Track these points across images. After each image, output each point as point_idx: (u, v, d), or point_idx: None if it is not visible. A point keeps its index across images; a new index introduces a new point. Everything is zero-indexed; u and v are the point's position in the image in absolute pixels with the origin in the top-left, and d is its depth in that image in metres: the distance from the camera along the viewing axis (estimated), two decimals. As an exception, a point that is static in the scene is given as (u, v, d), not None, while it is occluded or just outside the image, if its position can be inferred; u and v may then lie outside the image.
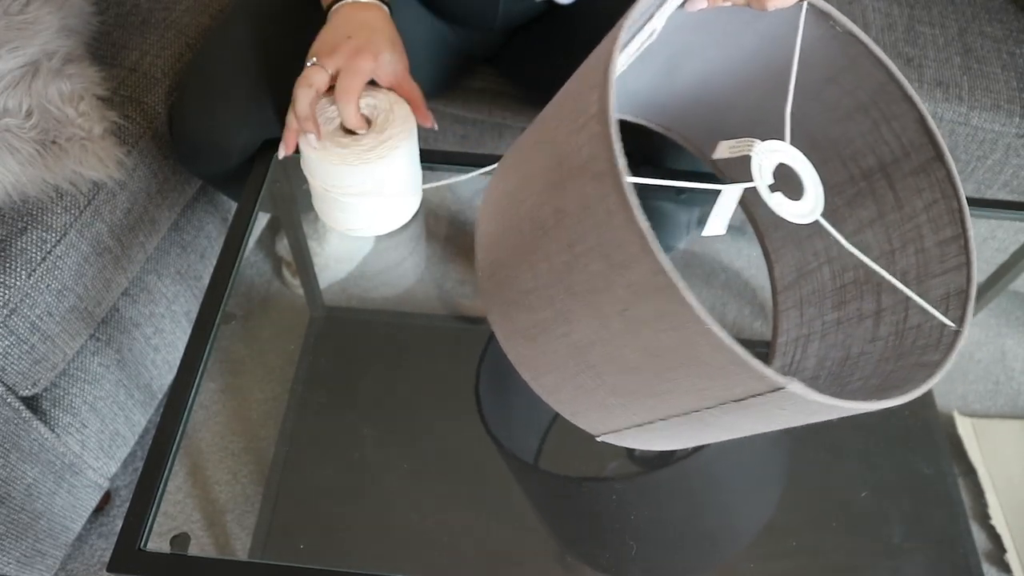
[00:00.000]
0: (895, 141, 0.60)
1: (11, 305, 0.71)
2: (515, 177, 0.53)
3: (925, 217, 0.59)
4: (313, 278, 1.00)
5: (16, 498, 0.79)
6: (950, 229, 0.57)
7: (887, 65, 0.58)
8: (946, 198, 0.57)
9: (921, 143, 0.59)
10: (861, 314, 0.63)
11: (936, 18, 1.04)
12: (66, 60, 0.76)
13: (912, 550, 0.75)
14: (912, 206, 0.60)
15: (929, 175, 0.59)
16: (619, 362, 0.47)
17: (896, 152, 0.61)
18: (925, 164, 0.59)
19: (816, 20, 0.58)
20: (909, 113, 0.59)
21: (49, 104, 0.72)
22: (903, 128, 0.59)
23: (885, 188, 0.62)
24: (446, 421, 0.79)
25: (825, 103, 0.63)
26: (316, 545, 0.70)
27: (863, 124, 0.62)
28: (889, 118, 0.60)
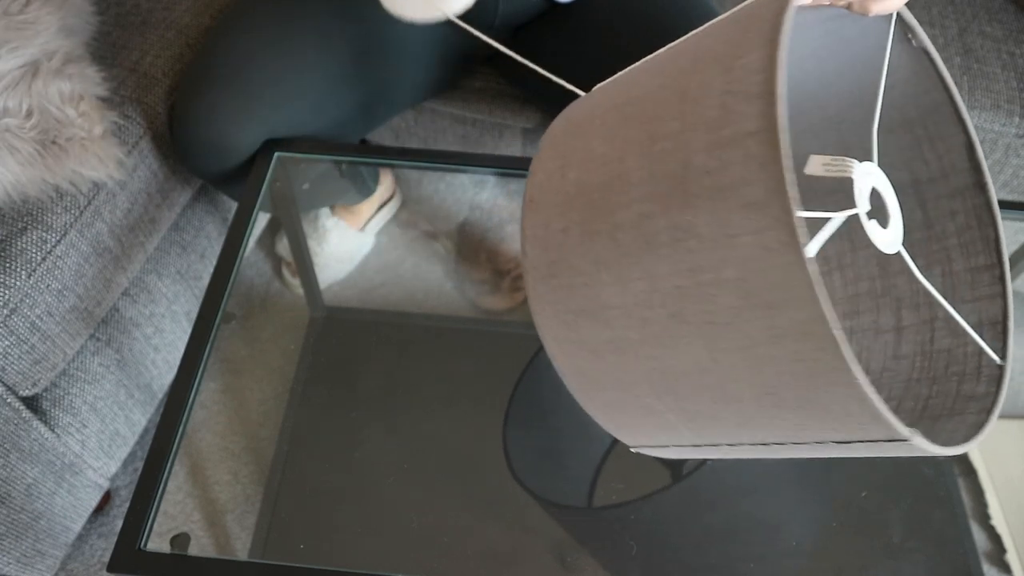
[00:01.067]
0: (935, 161, 0.59)
1: (11, 305, 0.71)
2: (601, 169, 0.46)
3: (956, 241, 0.58)
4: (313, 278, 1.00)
5: (16, 498, 0.79)
6: (983, 257, 0.56)
7: (949, 86, 0.56)
8: (982, 226, 0.56)
9: (963, 168, 0.57)
10: (878, 328, 0.62)
11: (936, 18, 1.04)
12: (66, 60, 0.76)
13: (912, 550, 0.75)
14: (943, 227, 0.58)
15: (965, 200, 0.57)
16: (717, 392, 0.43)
17: (934, 172, 0.59)
18: (962, 188, 0.57)
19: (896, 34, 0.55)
20: (957, 137, 0.57)
21: (49, 104, 0.72)
22: (947, 150, 0.58)
23: (914, 205, 0.60)
24: (446, 421, 0.79)
25: (869, 112, 0.59)
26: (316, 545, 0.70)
27: (903, 139, 0.60)
28: (934, 138, 0.58)
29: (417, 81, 0.88)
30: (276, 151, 0.79)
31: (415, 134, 1.04)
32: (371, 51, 0.83)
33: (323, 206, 1.09)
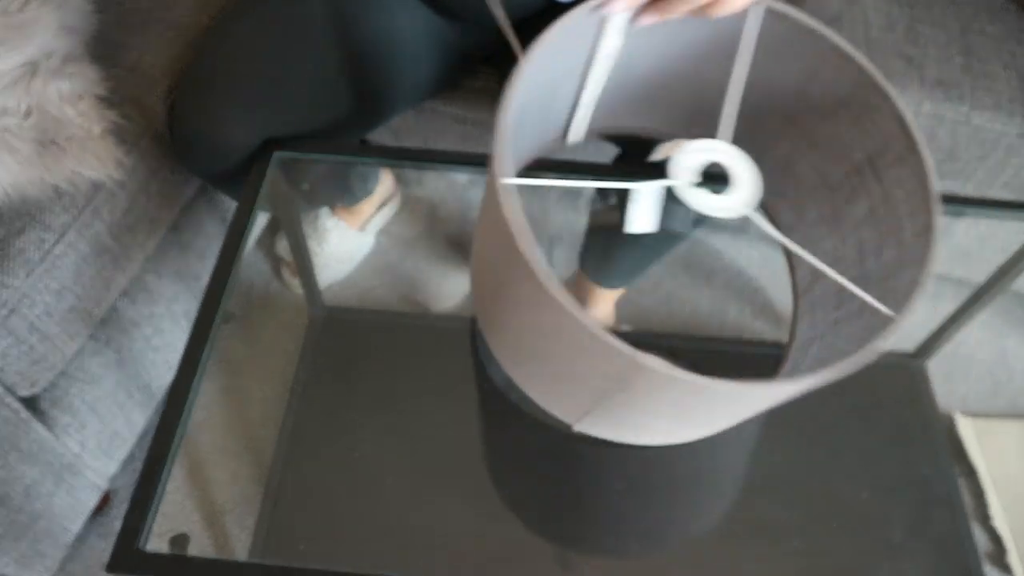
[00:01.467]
0: (876, 133, 0.60)
1: (10, 305, 0.71)
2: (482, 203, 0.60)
3: (906, 209, 0.59)
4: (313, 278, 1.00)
5: (15, 499, 0.79)
6: (923, 219, 0.57)
7: (855, 59, 0.59)
8: (922, 188, 0.57)
9: (897, 132, 0.59)
10: (850, 313, 0.63)
11: (937, 18, 1.03)
12: (65, 59, 0.76)
13: (913, 550, 0.75)
14: (895, 197, 0.60)
15: (907, 165, 0.59)
16: (540, 346, 0.54)
17: (878, 144, 0.61)
18: (903, 154, 0.59)
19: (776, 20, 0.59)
20: (883, 105, 0.59)
21: (48, 104, 0.72)
22: (881, 119, 0.60)
23: (873, 181, 0.62)
24: (445, 421, 0.79)
25: (811, 102, 0.64)
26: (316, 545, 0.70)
27: (847, 118, 0.62)
28: (867, 110, 0.60)
29: (417, 81, 0.88)
30: (276, 151, 0.79)
31: (415, 134, 1.04)
32: (371, 51, 0.83)
33: (323, 206, 1.09)
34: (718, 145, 0.55)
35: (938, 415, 0.90)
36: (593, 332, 0.44)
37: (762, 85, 0.64)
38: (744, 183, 0.55)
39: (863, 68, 0.59)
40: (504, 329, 0.59)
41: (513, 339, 0.58)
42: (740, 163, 0.55)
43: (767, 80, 0.64)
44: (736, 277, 1.14)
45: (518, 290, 0.51)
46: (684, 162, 0.54)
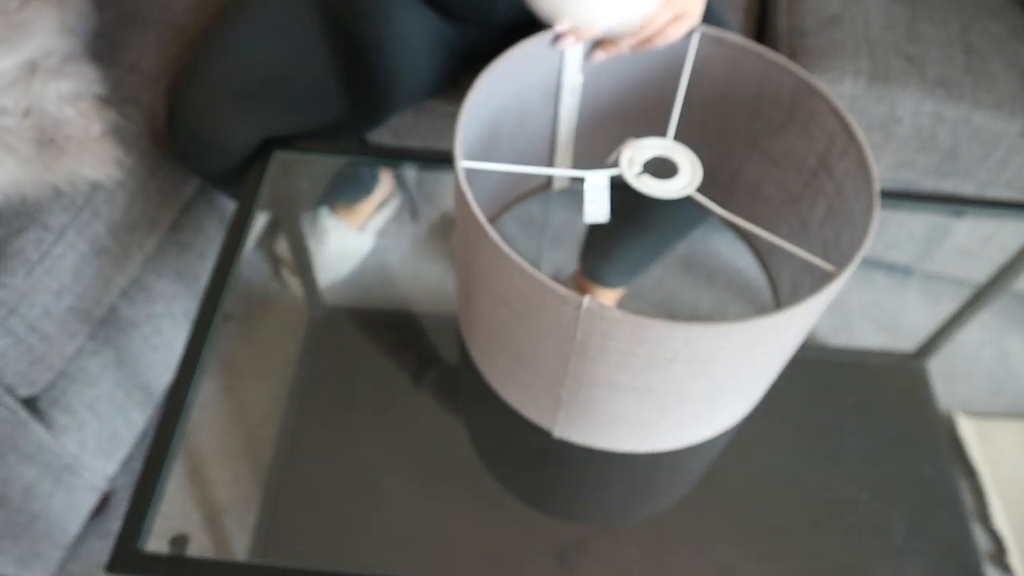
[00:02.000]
0: (822, 134, 0.65)
1: (9, 305, 0.71)
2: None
3: (854, 193, 0.62)
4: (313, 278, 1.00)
5: (14, 499, 0.79)
6: (867, 195, 0.60)
7: (790, 68, 0.64)
8: (863, 168, 0.61)
9: (836, 128, 0.63)
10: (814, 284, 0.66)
11: (938, 17, 1.03)
12: (64, 59, 0.75)
13: (913, 550, 0.75)
14: (846, 191, 0.64)
15: (850, 154, 0.62)
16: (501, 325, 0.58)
17: (825, 144, 0.65)
18: (846, 145, 0.62)
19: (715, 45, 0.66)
20: (821, 105, 0.63)
21: (47, 103, 0.72)
22: (823, 119, 0.64)
23: (827, 180, 0.66)
24: (445, 421, 0.79)
25: (763, 120, 0.69)
26: (316, 545, 0.70)
27: (796, 128, 0.67)
28: (811, 114, 0.65)
29: (417, 81, 0.88)
30: (275, 151, 0.79)
31: (415, 134, 1.04)
32: (370, 51, 0.83)
33: (323, 206, 1.09)
34: (664, 142, 0.62)
35: (938, 415, 0.90)
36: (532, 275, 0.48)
37: (720, 112, 0.70)
38: (686, 171, 0.61)
39: (796, 74, 0.64)
40: (477, 324, 0.62)
41: (484, 333, 0.62)
42: (682, 155, 0.63)
43: (723, 106, 0.70)
44: (736, 277, 1.14)
45: (480, 266, 0.55)
46: (632, 156, 0.61)
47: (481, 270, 0.55)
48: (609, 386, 0.56)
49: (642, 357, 0.52)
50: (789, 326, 0.53)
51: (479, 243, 0.52)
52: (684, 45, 0.66)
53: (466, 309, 0.65)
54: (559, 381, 0.58)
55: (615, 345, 0.51)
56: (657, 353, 0.51)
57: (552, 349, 0.55)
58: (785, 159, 0.70)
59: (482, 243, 0.51)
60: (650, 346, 0.50)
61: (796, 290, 0.72)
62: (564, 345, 0.53)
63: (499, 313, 0.57)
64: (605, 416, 0.61)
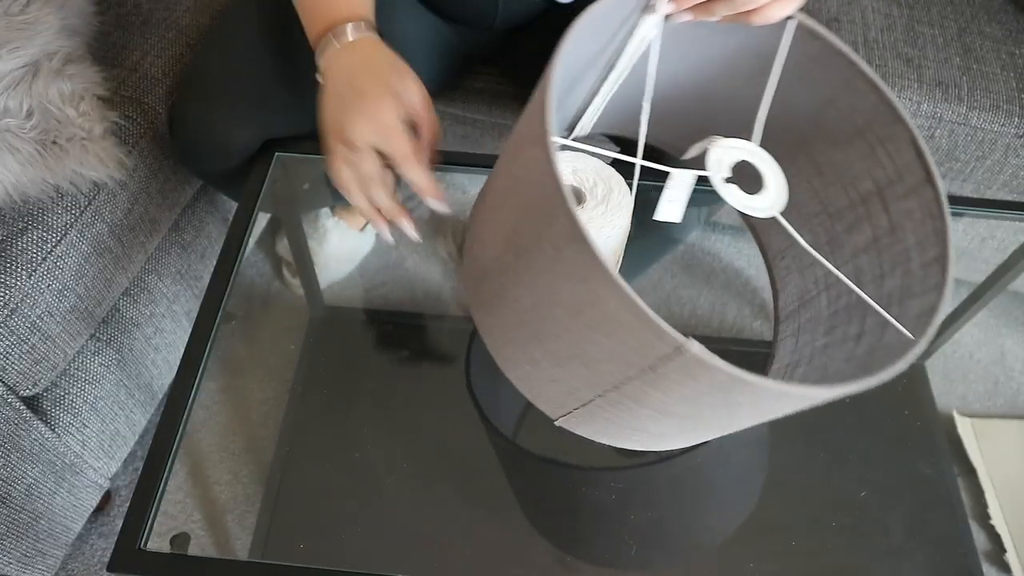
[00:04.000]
0: (890, 164, 0.60)
1: (11, 305, 0.71)
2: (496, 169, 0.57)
3: (913, 240, 0.59)
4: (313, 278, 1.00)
5: (16, 498, 0.79)
6: (934, 250, 0.57)
7: (879, 86, 0.58)
8: (933, 219, 0.57)
9: (913, 164, 0.59)
10: (846, 337, 0.63)
11: (936, 18, 1.04)
12: (67, 60, 0.76)
13: (912, 550, 0.75)
14: (903, 228, 0.60)
15: (920, 197, 0.58)
16: (552, 324, 0.51)
17: (891, 175, 0.61)
18: (916, 186, 0.59)
19: (807, 39, 0.59)
20: (902, 135, 0.59)
21: (50, 104, 0.72)
22: (897, 150, 0.59)
23: (880, 211, 0.62)
24: (446, 421, 0.79)
25: (824, 128, 0.64)
26: (316, 545, 0.70)
27: (861, 148, 0.62)
28: (884, 140, 0.60)
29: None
30: (276, 151, 0.79)
31: (415, 134, 1.04)
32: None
33: (323, 206, 1.09)
34: (750, 146, 0.55)
35: (937, 415, 0.90)
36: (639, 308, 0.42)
37: (777, 110, 0.63)
38: (772, 186, 0.55)
39: (884, 96, 0.58)
40: (501, 307, 0.56)
41: (512, 318, 0.55)
42: (770, 167, 0.55)
43: (783, 105, 0.63)
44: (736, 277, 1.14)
45: (539, 260, 0.48)
46: (719, 157, 0.53)
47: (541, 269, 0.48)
48: (657, 409, 0.52)
49: (715, 399, 0.48)
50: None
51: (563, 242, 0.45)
52: (775, 33, 0.58)
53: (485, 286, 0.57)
54: (601, 391, 0.53)
55: (695, 385, 0.47)
56: (732, 399, 0.48)
57: (614, 369, 0.49)
58: (834, 172, 0.65)
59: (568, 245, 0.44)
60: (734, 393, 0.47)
61: (803, 303, 0.70)
62: (632, 370, 0.48)
63: (554, 315, 0.50)
64: (627, 424, 0.57)
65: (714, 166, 0.53)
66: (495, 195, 0.55)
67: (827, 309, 0.67)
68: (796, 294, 0.71)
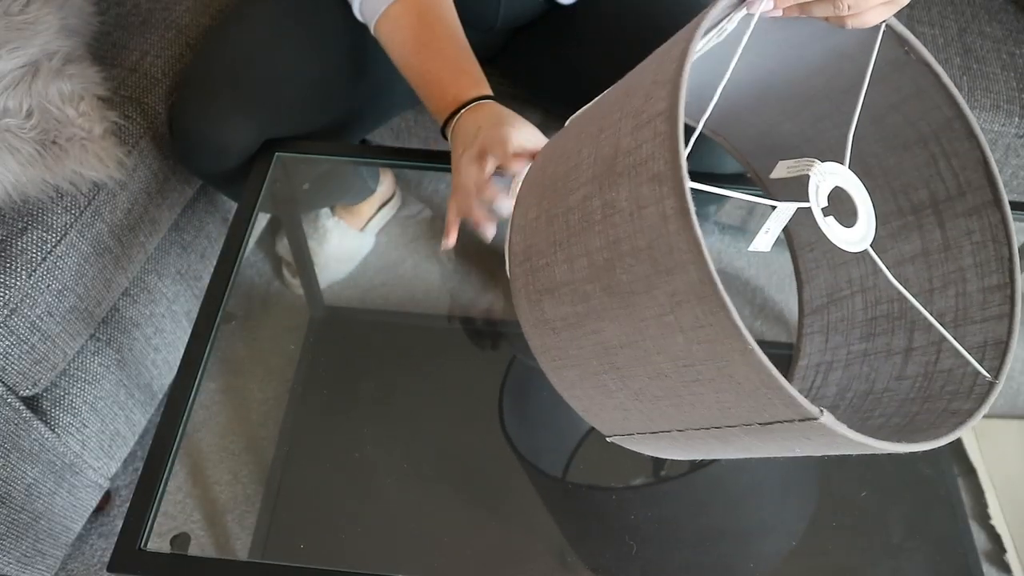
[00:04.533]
0: (952, 179, 0.58)
1: (11, 305, 0.71)
2: (564, 164, 0.51)
3: (971, 261, 0.57)
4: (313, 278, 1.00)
5: (16, 498, 0.79)
6: (996, 277, 0.55)
7: (957, 100, 0.56)
8: (996, 243, 0.56)
9: (979, 184, 0.57)
10: (890, 350, 0.61)
11: (936, 18, 1.04)
12: (66, 60, 0.76)
13: (912, 550, 0.75)
14: (959, 247, 0.58)
15: (982, 218, 0.57)
16: (647, 367, 0.47)
17: (951, 190, 0.59)
18: (980, 207, 0.57)
19: (891, 44, 0.56)
20: (972, 152, 0.57)
21: (49, 104, 0.72)
22: (962, 167, 0.57)
23: (933, 225, 0.60)
24: (446, 421, 0.79)
25: (884, 130, 0.61)
26: (316, 545, 0.70)
27: (920, 157, 0.60)
28: (949, 154, 0.58)
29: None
30: (276, 151, 0.79)
31: (415, 134, 1.04)
32: (370, 51, 0.83)
33: (323, 206, 1.09)
34: (840, 170, 0.51)
35: (937, 415, 0.90)
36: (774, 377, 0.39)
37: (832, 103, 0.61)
38: (864, 214, 0.51)
39: (962, 111, 0.56)
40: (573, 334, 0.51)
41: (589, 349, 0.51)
42: (860, 195, 0.51)
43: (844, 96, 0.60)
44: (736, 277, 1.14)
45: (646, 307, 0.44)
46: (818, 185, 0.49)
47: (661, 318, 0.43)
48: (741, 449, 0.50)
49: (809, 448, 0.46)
50: None
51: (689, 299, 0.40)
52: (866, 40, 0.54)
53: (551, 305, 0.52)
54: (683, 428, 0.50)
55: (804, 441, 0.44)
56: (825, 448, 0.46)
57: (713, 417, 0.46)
58: (884, 176, 0.62)
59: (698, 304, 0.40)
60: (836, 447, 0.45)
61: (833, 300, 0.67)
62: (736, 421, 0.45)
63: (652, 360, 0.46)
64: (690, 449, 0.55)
65: (814, 196, 0.48)
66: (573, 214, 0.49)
67: (863, 313, 0.65)
68: (825, 290, 0.69)
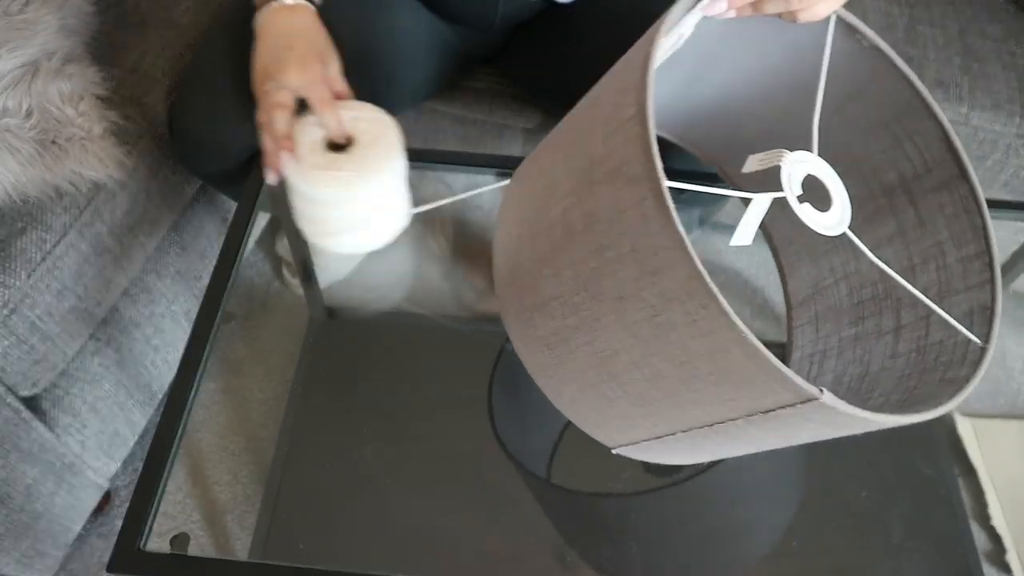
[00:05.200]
0: (918, 157, 0.59)
1: (11, 305, 0.71)
2: (541, 181, 0.52)
3: (947, 234, 0.58)
4: (313, 278, 1.00)
5: (16, 498, 0.79)
6: (973, 246, 0.56)
7: (912, 81, 0.57)
8: (969, 214, 0.57)
9: (944, 160, 0.58)
10: (880, 330, 0.62)
11: (936, 18, 1.04)
12: (66, 60, 0.76)
13: (912, 550, 0.75)
14: (934, 223, 0.59)
15: (952, 192, 0.58)
16: (644, 370, 0.47)
17: (918, 168, 0.60)
18: (948, 181, 0.58)
19: (844, 34, 0.57)
20: (933, 130, 0.58)
21: (49, 104, 0.72)
22: (926, 145, 0.59)
23: (906, 204, 0.61)
24: (446, 421, 0.79)
25: (846, 118, 0.62)
26: (316, 545, 0.70)
27: (884, 140, 0.61)
28: (912, 134, 0.59)
29: (417, 81, 0.89)
30: (276, 151, 0.79)
31: (415, 134, 1.04)
32: (369, 51, 0.83)
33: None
34: (810, 158, 0.52)
35: (937, 415, 0.90)
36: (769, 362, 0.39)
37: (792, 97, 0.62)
38: (838, 199, 0.52)
39: (918, 91, 0.57)
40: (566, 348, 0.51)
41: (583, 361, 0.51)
42: (833, 180, 0.52)
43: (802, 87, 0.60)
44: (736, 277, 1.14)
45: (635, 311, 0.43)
46: (790, 173, 0.50)
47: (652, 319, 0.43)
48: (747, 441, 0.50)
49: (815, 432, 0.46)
50: None
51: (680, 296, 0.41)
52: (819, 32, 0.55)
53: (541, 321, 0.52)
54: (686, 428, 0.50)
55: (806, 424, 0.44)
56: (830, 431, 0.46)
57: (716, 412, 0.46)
58: (853, 163, 0.63)
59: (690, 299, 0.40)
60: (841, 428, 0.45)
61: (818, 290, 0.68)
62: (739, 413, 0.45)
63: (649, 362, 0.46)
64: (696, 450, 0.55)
65: (787, 184, 0.49)
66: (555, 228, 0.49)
67: (849, 299, 0.66)
68: (809, 281, 0.70)
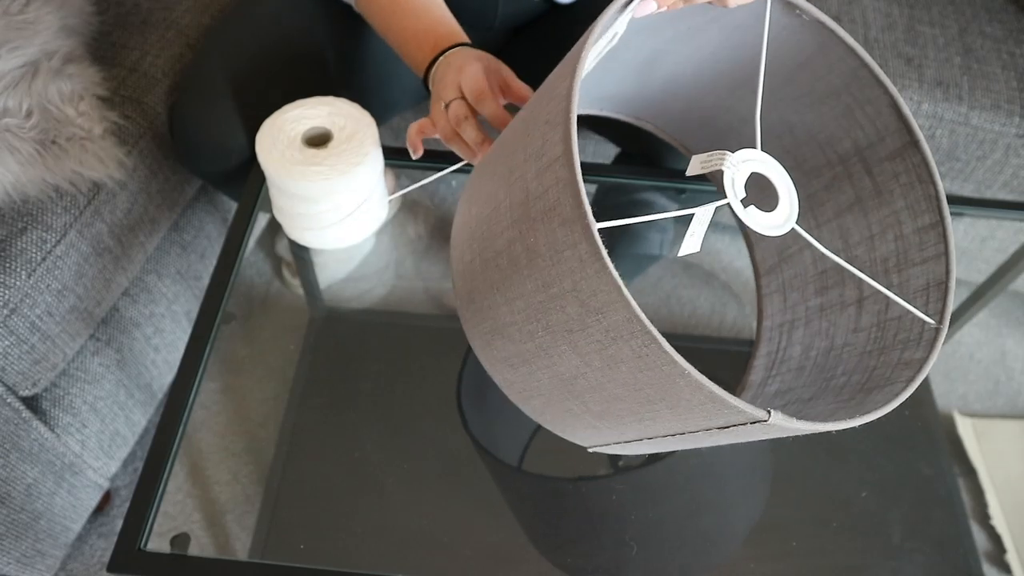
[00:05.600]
0: (870, 126, 0.60)
1: (11, 305, 0.71)
2: (486, 204, 0.52)
3: (903, 203, 0.58)
4: (313, 278, 1.00)
5: (16, 498, 0.79)
6: (928, 216, 0.56)
7: (857, 51, 0.57)
8: (923, 183, 0.57)
9: (896, 128, 0.58)
10: (843, 301, 0.63)
11: (936, 18, 1.04)
12: (66, 60, 0.76)
13: (912, 550, 0.75)
14: (890, 191, 0.59)
15: (905, 160, 0.58)
16: (602, 393, 0.47)
17: (871, 137, 0.60)
18: (901, 149, 0.58)
19: (784, 11, 0.57)
20: (882, 98, 0.58)
21: (49, 104, 0.72)
22: (877, 113, 0.59)
23: (862, 173, 0.61)
24: (446, 421, 0.79)
25: (797, 88, 0.63)
26: (316, 545, 0.70)
27: (836, 108, 0.61)
28: (863, 103, 0.59)
29: (416, 81, 0.89)
30: (276, 151, 0.79)
31: (415, 134, 1.04)
32: (369, 51, 0.83)
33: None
34: (756, 154, 0.51)
35: (937, 415, 0.90)
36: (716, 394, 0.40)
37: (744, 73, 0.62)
38: (785, 195, 0.51)
39: (863, 60, 0.57)
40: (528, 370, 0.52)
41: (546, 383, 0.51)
42: (779, 175, 0.51)
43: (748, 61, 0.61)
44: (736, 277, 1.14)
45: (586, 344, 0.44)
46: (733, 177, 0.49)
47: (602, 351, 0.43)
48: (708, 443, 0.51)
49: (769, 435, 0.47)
50: None
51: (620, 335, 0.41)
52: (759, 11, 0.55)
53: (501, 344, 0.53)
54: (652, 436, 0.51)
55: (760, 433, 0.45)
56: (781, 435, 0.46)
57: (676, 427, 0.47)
58: (808, 132, 0.64)
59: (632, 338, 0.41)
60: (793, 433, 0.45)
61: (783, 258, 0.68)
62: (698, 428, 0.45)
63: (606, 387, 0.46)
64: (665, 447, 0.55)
65: (730, 189, 0.48)
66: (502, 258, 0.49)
67: (813, 267, 0.66)
68: (774, 249, 0.70)
